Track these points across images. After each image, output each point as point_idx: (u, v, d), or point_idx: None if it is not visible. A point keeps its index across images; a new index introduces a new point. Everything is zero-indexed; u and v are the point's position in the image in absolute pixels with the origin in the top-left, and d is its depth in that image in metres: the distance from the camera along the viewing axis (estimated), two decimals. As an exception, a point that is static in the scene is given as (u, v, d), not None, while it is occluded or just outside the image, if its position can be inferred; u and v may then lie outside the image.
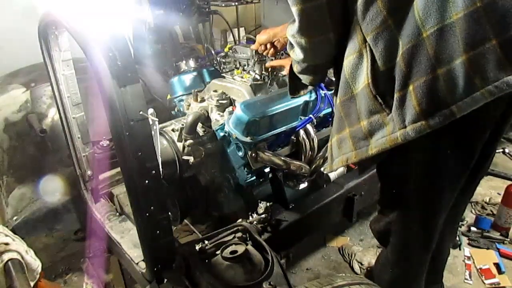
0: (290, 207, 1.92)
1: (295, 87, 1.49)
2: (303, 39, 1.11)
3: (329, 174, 2.04)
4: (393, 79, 1.00)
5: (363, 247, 2.29)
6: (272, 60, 1.83)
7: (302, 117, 1.84)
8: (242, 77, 1.94)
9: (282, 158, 1.78)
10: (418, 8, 0.93)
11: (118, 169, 2.05)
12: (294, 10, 1.04)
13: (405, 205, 1.32)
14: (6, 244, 1.37)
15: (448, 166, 1.19)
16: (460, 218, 1.89)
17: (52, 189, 2.13)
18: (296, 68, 1.32)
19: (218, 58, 2.08)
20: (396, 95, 1.00)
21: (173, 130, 1.91)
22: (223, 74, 2.04)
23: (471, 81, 0.92)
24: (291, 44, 1.21)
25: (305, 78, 1.35)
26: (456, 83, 0.93)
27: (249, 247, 1.48)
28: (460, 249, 2.27)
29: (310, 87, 1.52)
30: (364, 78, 1.04)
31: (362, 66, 1.05)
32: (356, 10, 1.02)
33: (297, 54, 1.21)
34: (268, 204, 1.75)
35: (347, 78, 1.10)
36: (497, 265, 2.14)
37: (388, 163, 1.29)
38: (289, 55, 1.31)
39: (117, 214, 2.05)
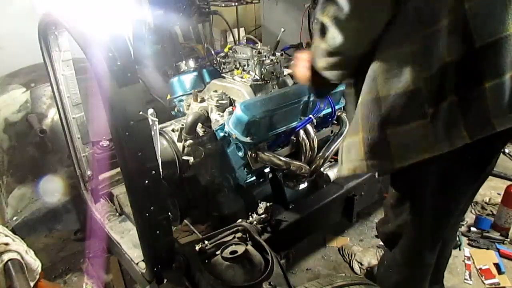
0: (290, 207, 1.92)
1: (322, 88, 1.30)
2: (352, 22, 0.96)
3: (329, 174, 2.05)
4: (435, 89, 0.95)
5: (363, 247, 2.29)
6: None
7: (302, 117, 1.84)
8: (242, 77, 1.94)
9: (282, 158, 1.78)
10: (472, 16, 0.90)
11: (118, 169, 2.05)
12: None
13: (419, 208, 1.30)
14: (6, 244, 1.37)
15: (465, 172, 1.18)
16: (461, 219, 1.89)
17: (52, 189, 2.13)
18: (322, 64, 1.13)
19: (218, 58, 2.08)
20: (442, 105, 0.96)
21: (173, 130, 1.91)
22: (223, 74, 2.04)
23: None
24: (322, 29, 1.04)
25: (332, 75, 1.15)
26: (503, 97, 0.91)
27: (249, 247, 1.48)
28: (460, 249, 2.27)
29: (338, 85, 1.32)
30: (405, 82, 0.96)
31: (404, 68, 0.96)
32: (408, 8, 0.95)
33: (332, 40, 1.03)
34: (268, 204, 1.75)
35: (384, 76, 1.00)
36: (497, 265, 2.13)
37: (404, 168, 1.28)
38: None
39: (117, 214, 2.05)
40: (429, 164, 1.13)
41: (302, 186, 2.02)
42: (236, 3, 3.90)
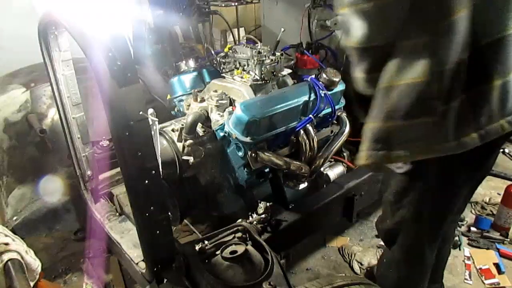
0: (290, 207, 1.92)
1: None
2: (370, 2, 0.87)
3: (329, 174, 2.05)
4: (448, 85, 0.91)
5: (363, 247, 2.29)
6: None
7: (302, 117, 1.84)
8: (242, 77, 1.94)
9: (282, 158, 1.78)
10: (478, 13, 0.88)
11: (118, 169, 2.05)
12: None
13: (417, 205, 1.30)
14: (6, 244, 1.37)
15: (463, 169, 1.19)
16: (459, 218, 1.89)
17: (52, 189, 2.13)
18: (358, 75, 1.05)
19: (218, 58, 2.08)
20: (453, 103, 0.92)
21: (173, 130, 1.91)
22: (223, 74, 2.04)
23: None
24: (345, 28, 0.97)
25: (371, 85, 1.04)
26: (510, 97, 0.89)
27: (249, 247, 1.48)
28: (460, 249, 2.27)
29: None
30: (416, 73, 0.90)
31: (417, 60, 0.90)
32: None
33: (355, 32, 0.94)
34: (268, 204, 1.75)
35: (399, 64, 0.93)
36: (497, 265, 2.14)
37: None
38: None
39: (117, 214, 2.05)
40: (428, 161, 1.13)
41: (302, 186, 2.02)
42: (236, 3, 3.90)
